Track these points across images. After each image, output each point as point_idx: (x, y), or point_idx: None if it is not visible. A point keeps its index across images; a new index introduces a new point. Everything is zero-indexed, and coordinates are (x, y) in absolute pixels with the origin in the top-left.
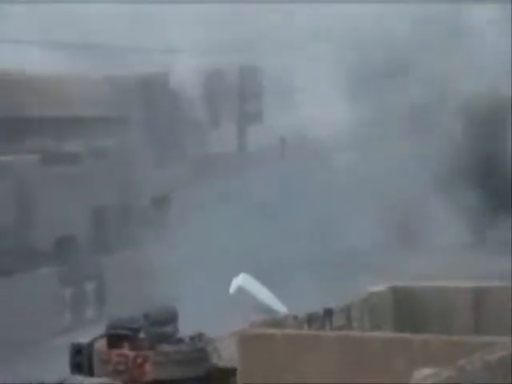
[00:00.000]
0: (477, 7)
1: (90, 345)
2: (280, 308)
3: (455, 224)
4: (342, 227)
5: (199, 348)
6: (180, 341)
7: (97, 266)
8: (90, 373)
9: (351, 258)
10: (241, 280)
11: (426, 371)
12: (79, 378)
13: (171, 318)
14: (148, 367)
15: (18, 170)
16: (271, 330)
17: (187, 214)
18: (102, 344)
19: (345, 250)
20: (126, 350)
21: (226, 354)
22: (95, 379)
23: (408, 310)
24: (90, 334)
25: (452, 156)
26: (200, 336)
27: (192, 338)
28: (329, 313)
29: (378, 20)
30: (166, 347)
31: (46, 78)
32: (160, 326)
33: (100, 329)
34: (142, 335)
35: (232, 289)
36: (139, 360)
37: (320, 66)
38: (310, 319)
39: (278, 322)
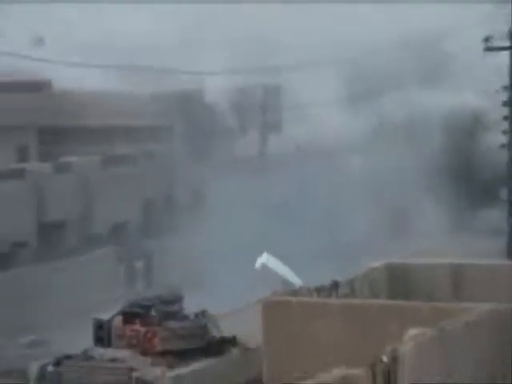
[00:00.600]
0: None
1: (109, 321)
2: (295, 281)
3: (439, 215)
4: (347, 218)
5: (200, 324)
6: (185, 318)
7: (145, 247)
8: (109, 345)
9: (355, 241)
10: (264, 258)
11: (415, 331)
12: (101, 350)
13: (177, 299)
14: (156, 341)
15: (82, 170)
16: (288, 298)
17: (219, 205)
18: (118, 320)
19: (350, 235)
20: (138, 326)
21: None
22: (116, 351)
23: (400, 283)
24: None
25: (436, 162)
26: (203, 313)
27: (196, 315)
28: (335, 285)
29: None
30: (172, 323)
31: (105, 94)
32: (167, 305)
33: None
34: (152, 313)
35: (257, 265)
36: (149, 334)
37: (327, 85)
38: (320, 290)
39: (293, 291)
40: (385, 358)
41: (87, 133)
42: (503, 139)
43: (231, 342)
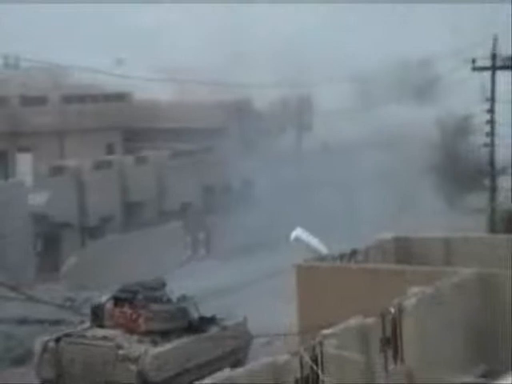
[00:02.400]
0: None
1: (103, 304)
2: (323, 249)
3: (435, 199)
4: (363, 201)
5: (180, 307)
6: (169, 301)
7: (206, 222)
8: (102, 324)
9: (369, 219)
10: (297, 232)
11: (416, 289)
12: (95, 329)
13: (160, 285)
14: (141, 321)
15: (156, 161)
16: (317, 263)
17: (263, 190)
18: (110, 304)
19: (365, 214)
20: (125, 309)
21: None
22: (107, 331)
23: (405, 251)
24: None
25: (431, 158)
26: (183, 297)
27: (178, 299)
28: (354, 253)
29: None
30: (154, 306)
31: (173, 103)
32: (152, 291)
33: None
34: (139, 297)
35: (291, 237)
36: (134, 316)
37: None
38: (342, 257)
39: (321, 258)
40: (392, 310)
41: (160, 133)
42: (486, 139)
43: (210, 321)
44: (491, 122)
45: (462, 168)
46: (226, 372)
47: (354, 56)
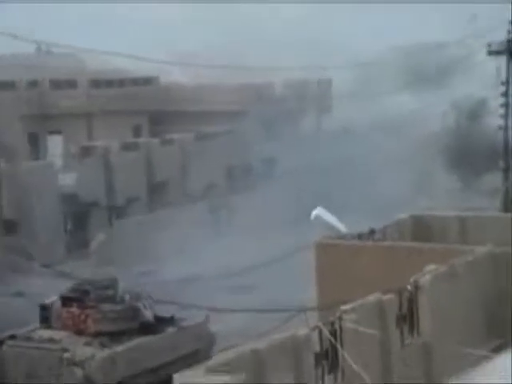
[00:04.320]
0: None
1: (52, 304)
2: (342, 228)
3: (451, 180)
4: (381, 181)
5: (131, 306)
6: (121, 301)
7: (228, 202)
8: (50, 326)
9: (387, 199)
10: (317, 211)
11: (432, 266)
12: (42, 331)
13: (111, 284)
14: (89, 322)
15: (181, 144)
16: (336, 241)
17: (285, 170)
18: (58, 303)
19: (383, 195)
20: (74, 309)
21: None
22: (54, 332)
23: (421, 229)
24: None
25: (448, 140)
26: (136, 296)
27: (131, 298)
28: (372, 231)
29: None
30: (104, 307)
31: (197, 87)
32: (103, 290)
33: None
34: (89, 297)
35: (312, 216)
36: (82, 317)
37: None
38: (360, 235)
39: (340, 236)
40: (409, 287)
41: (185, 116)
42: (501, 122)
43: (168, 321)
44: (506, 104)
45: (477, 150)
46: (248, 345)
47: (370, 40)
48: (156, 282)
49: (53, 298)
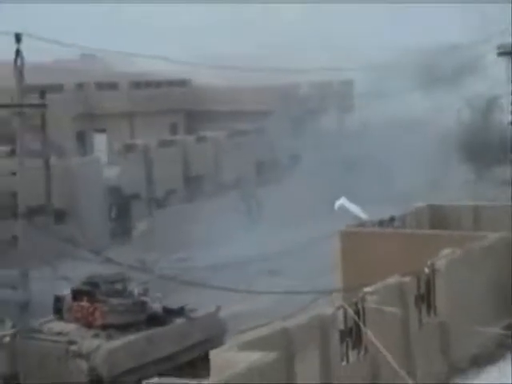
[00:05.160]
0: None
1: (64, 297)
2: (363, 216)
3: (465, 171)
4: (401, 174)
5: (139, 300)
6: (130, 295)
7: (257, 193)
8: (62, 318)
9: (406, 189)
10: (341, 201)
11: (448, 251)
12: (53, 323)
13: (120, 278)
14: (97, 315)
15: (214, 140)
16: (358, 229)
17: (309, 165)
18: (69, 297)
19: (402, 186)
20: (83, 302)
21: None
22: (64, 325)
23: (437, 218)
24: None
25: (463, 134)
26: (145, 291)
27: (139, 293)
28: (392, 219)
29: None
30: (112, 300)
31: (229, 88)
32: (112, 284)
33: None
34: (99, 291)
35: (336, 206)
36: (91, 310)
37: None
38: (381, 223)
39: (362, 223)
40: (426, 270)
41: (217, 115)
42: (511, 118)
43: (177, 313)
44: None
45: (489, 144)
46: (278, 324)
47: (386, 43)
48: (192, 267)
49: (66, 291)
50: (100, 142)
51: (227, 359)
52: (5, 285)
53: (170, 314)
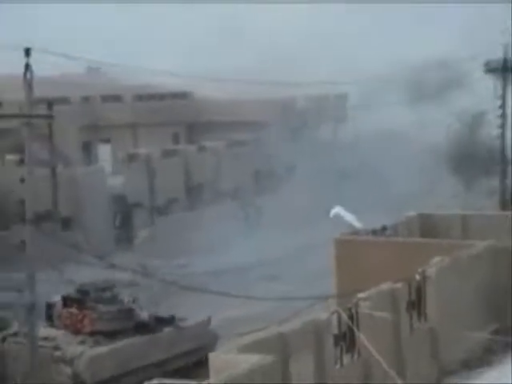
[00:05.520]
0: None
1: (54, 304)
2: (357, 224)
3: (454, 182)
4: (391, 183)
5: (127, 308)
6: (120, 303)
7: (255, 202)
8: (53, 324)
9: (397, 199)
10: (336, 209)
11: (437, 259)
12: (41, 329)
13: (109, 287)
14: (86, 322)
15: (214, 150)
16: (352, 237)
17: (304, 174)
18: (60, 303)
19: (394, 195)
20: (73, 309)
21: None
22: (52, 330)
23: (427, 227)
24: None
25: (451, 147)
26: (134, 299)
27: (128, 301)
28: (384, 228)
29: None
30: (101, 307)
31: (228, 101)
32: (101, 292)
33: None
34: (88, 298)
35: (331, 214)
36: (80, 317)
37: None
38: (374, 231)
39: (356, 232)
40: (417, 277)
41: (217, 126)
42: (498, 131)
43: (166, 321)
44: (503, 116)
45: (476, 156)
46: (275, 328)
47: (377, 56)
48: (192, 273)
49: (57, 298)
50: (104, 151)
51: (226, 361)
52: (12, 288)
53: (159, 322)
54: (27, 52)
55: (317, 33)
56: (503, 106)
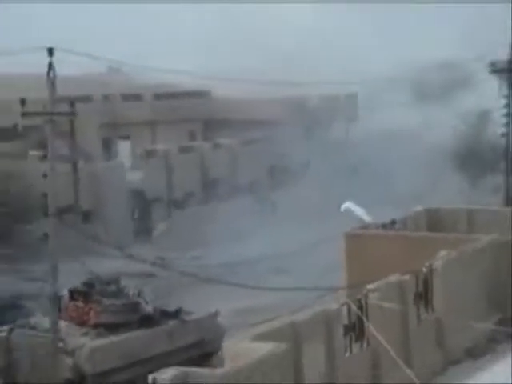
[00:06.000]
0: None
1: (62, 296)
2: (367, 219)
3: (461, 179)
4: (400, 179)
5: (132, 301)
6: (125, 296)
7: (269, 195)
8: (60, 317)
9: (406, 194)
10: (347, 204)
11: (444, 252)
12: (47, 320)
13: (114, 280)
14: (91, 315)
15: (229, 147)
16: (362, 231)
17: (317, 170)
18: (67, 296)
19: (402, 191)
20: (79, 302)
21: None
22: (57, 322)
23: (434, 221)
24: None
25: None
26: (139, 293)
27: (133, 294)
28: (393, 222)
29: None
30: (106, 301)
31: (244, 100)
32: (106, 285)
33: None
34: (94, 291)
35: (342, 209)
36: (85, 309)
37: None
38: (383, 225)
39: (366, 226)
40: (424, 270)
41: (232, 124)
42: (503, 130)
43: (171, 315)
44: (508, 115)
45: (482, 154)
46: (287, 318)
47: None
48: (207, 265)
49: (66, 291)
50: (124, 148)
51: (240, 349)
52: (36, 278)
53: (164, 315)
54: (50, 52)
55: (322, 33)
56: (508, 105)
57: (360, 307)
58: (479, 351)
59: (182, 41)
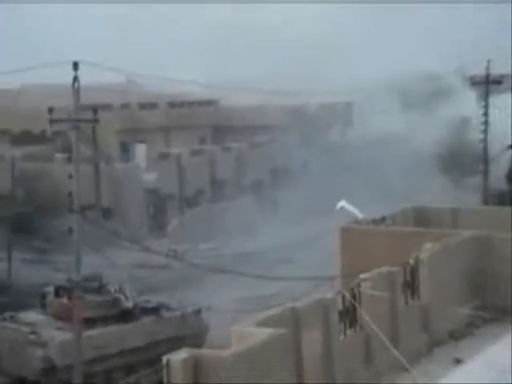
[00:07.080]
0: None
1: (49, 293)
2: (359, 215)
3: (443, 179)
4: (390, 179)
5: (111, 297)
6: (107, 292)
7: (273, 194)
8: (46, 312)
9: (395, 193)
10: (342, 202)
11: (429, 245)
12: (28, 314)
13: (97, 277)
14: (74, 310)
15: (237, 151)
16: (356, 226)
17: (316, 171)
18: (52, 293)
19: (392, 189)
20: (63, 299)
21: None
22: (36, 316)
23: (421, 218)
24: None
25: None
26: (120, 288)
27: (115, 290)
28: (383, 218)
29: None
30: (88, 296)
31: (250, 107)
32: (89, 282)
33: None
34: (77, 288)
35: (337, 206)
36: (70, 305)
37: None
38: (374, 221)
39: (358, 222)
40: (411, 261)
41: (239, 129)
42: (481, 136)
43: (150, 310)
44: (485, 123)
45: (463, 158)
46: (287, 305)
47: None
48: (217, 256)
49: (51, 288)
50: (140, 151)
51: (246, 333)
52: (62, 269)
53: (143, 311)
54: (75, 66)
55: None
56: (486, 114)
57: (353, 295)
58: (460, 333)
59: (190, 52)
